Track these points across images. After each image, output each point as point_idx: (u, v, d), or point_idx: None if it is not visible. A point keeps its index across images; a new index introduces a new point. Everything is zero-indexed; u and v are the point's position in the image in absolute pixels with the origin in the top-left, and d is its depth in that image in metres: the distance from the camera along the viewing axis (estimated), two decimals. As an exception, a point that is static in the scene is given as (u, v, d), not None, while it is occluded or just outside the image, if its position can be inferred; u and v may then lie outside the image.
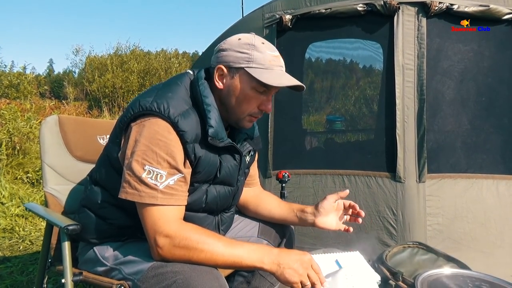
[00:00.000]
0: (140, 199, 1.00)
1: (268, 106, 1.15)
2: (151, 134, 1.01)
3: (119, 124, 1.11)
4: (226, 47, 1.13)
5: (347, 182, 2.18)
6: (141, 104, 1.05)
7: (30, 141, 5.13)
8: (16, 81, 11.10)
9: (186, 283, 0.92)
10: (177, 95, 1.09)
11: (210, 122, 1.08)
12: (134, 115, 1.06)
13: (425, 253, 1.86)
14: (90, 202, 1.18)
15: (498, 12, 2.06)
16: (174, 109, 1.03)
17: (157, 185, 1.00)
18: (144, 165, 1.00)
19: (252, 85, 1.10)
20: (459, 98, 2.20)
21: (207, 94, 1.11)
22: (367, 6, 2.13)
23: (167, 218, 1.01)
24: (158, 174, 1.00)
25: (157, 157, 1.00)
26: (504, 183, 2.08)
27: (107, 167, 1.15)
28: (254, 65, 1.09)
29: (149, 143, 1.01)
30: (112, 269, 1.11)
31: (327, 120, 2.92)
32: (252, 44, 1.10)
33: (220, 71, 1.13)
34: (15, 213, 3.31)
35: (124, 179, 1.02)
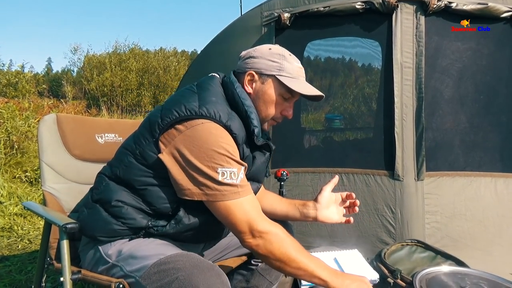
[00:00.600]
0: (224, 198, 1.05)
1: (290, 112, 1.26)
2: (211, 137, 1.05)
3: (158, 124, 1.09)
4: (257, 55, 1.22)
5: (346, 180, 2.18)
6: (189, 108, 1.07)
7: (28, 140, 5.12)
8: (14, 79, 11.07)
9: (188, 279, 0.92)
10: (220, 100, 1.14)
11: (254, 123, 1.16)
12: (180, 118, 1.07)
13: (423, 251, 1.86)
14: (103, 198, 1.16)
15: (496, 10, 2.07)
16: (223, 113, 1.09)
17: (234, 182, 1.06)
18: (216, 168, 1.04)
19: (280, 91, 1.20)
20: (457, 96, 2.20)
21: (245, 97, 1.18)
22: (366, 4, 2.13)
23: (256, 210, 1.09)
24: (232, 172, 1.05)
25: (224, 157, 1.05)
26: (502, 181, 2.08)
27: (135, 165, 1.13)
28: (284, 73, 1.19)
29: (213, 147, 1.04)
30: (113, 265, 1.11)
31: (326, 118, 2.92)
32: (282, 54, 1.21)
33: (251, 76, 1.21)
34: (14, 212, 3.31)
35: (199, 183, 1.05)
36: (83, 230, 1.17)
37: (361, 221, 2.12)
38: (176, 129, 1.07)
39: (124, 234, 1.14)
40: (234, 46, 2.55)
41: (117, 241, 1.15)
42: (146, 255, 1.05)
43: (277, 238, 1.06)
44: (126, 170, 1.14)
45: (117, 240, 1.15)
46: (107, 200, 1.14)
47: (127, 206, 1.13)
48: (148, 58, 16.78)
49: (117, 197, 1.13)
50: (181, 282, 0.93)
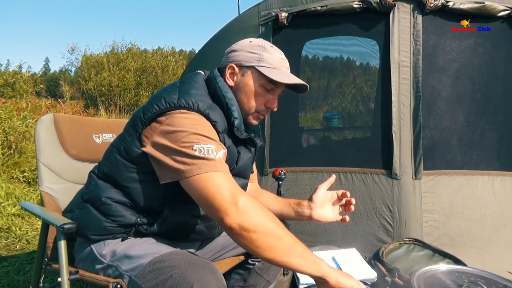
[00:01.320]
0: (200, 170, 0.98)
1: (274, 104, 1.24)
2: (188, 122, 1.04)
3: (140, 118, 1.10)
4: (237, 48, 1.23)
5: (344, 179, 2.18)
6: (168, 101, 1.07)
7: (26, 140, 5.11)
8: (11, 80, 11.03)
9: (182, 277, 0.92)
10: (200, 92, 1.14)
11: (234, 115, 1.15)
12: (161, 111, 1.07)
13: (421, 249, 1.87)
14: (93, 197, 1.17)
15: (493, 9, 2.07)
16: (202, 103, 1.09)
17: (212, 157, 1.00)
18: (192, 146, 1.00)
19: (261, 82, 1.19)
20: (454, 95, 2.21)
21: (227, 90, 1.18)
22: (363, 4, 2.13)
23: (234, 182, 1.02)
24: (209, 148, 1.01)
25: (200, 136, 1.02)
26: (500, 179, 2.09)
27: (120, 161, 1.14)
28: (263, 64, 1.18)
29: (188, 128, 1.03)
30: (109, 266, 1.11)
31: (324, 117, 2.92)
32: (262, 46, 1.21)
33: (231, 69, 1.21)
34: (12, 213, 3.30)
35: (174, 163, 1.01)
36: (76, 229, 1.17)
37: (359, 220, 2.13)
38: (157, 122, 1.08)
39: (116, 232, 1.15)
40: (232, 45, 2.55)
41: (110, 241, 1.15)
42: (141, 254, 1.06)
43: (265, 209, 0.98)
44: (112, 167, 1.16)
45: (110, 239, 1.16)
46: (96, 199, 1.16)
47: (115, 203, 1.14)
48: (146, 58, 16.75)
49: (105, 194, 1.15)
50: (175, 280, 0.93)
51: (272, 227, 0.95)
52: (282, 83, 1.20)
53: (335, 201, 1.38)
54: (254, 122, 1.26)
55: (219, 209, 0.95)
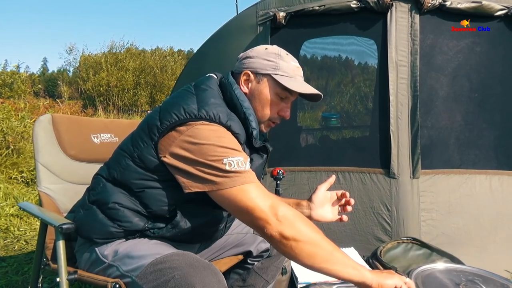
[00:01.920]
0: (234, 183, 0.99)
1: (287, 113, 1.23)
2: (211, 134, 1.04)
3: (157, 128, 1.08)
4: (253, 55, 1.21)
5: (342, 178, 2.19)
6: (188, 111, 1.05)
7: (24, 141, 5.10)
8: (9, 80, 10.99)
9: (184, 278, 0.93)
10: (219, 101, 1.13)
11: (252, 125, 1.15)
12: (180, 121, 1.05)
13: (419, 248, 1.88)
14: (100, 200, 1.15)
15: (490, 8, 2.08)
16: (222, 114, 1.07)
17: (243, 169, 1.01)
18: (221, 160, 1.00)
19: (276, 91, 1.18)
20: (452, 95, 2.21)
21: (244, 99, 1.16)
22: (361, 3, 2.14)
23: (266, 191, 1.02)
24: (238, 161, 1.01)
25: (228, 149, 1.02)
26: (497, 178, 2.10)
27: (133, 167, 1.12)
28: (280, 72, 1.17)
29: (213, 142, 1.02)
30: (110, 266, 1.11)
31: (322, 117, 2.92)
32: (279, 54, 1.20)
33: (247, 76, 1.20)
34: (10, 213, 3.29)
35: (207, 178, 1.01)
36: (79, 231, 1.17)
37: (357, 219, 2.13)
38: (176, 131, 1.06)
39: (120, 236, 1.14)
40: (230, 45, 2.55)
41: (113, 242, 1.15)
42: (142, 255, 1.05)
43: (303, 217, 0.99)
44: (123, 172, 1.13)
45: (113, 241, 1.15)
46: (104, 202, 1.14)
47: (124, 208, 1.12)
48: (145, 58, 16.73)
49: (114, 199, 1.13)
50: (177, 281, 0.93)
51: (311, 235, 0.96)
52: (296, 92, 1.19)
53: (335, 201, 1.38)
54: (266, 129, 1.26)
55: (259, 220, 0.97)
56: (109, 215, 1.13)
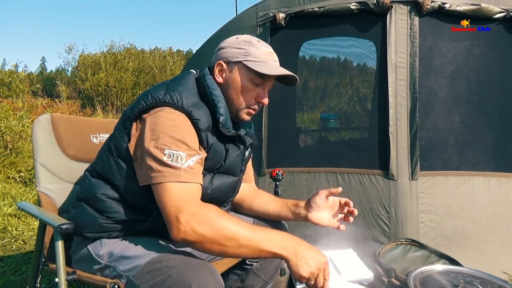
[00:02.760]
0: (164, 179, 1.01)
1: (264, 98, 1.23)
2: (167, 121, 1.06)
3: (128, 115, 1.13)
4: (225, 45, 1.24)
5: (341, 179, 2.19)
6: (154, 96, 1.09)
7: (22, 140, 5.08)
8: (7, 79, 10.95)
9: (180, 277, 0.93)
10: (187, 89, 1.15)
11: (220, 111, 1.15)
12: (147, 106, 1.09)
13: (417, 250, 1.88)
14: (87, 195, 1.18)
15: (489, 11, 2.09)
16: (187, 100, 1.10)
17: (179, 166, 1.02)
18: (163, 149, 1.02)
19: (250, 77, 1.18)
20: (451, 96, 2.22)
21: (214, 87, 1.18)
22: (360, 5, 2.14)
23: (190, 195, 1.03)
24: (179, 156, 1.03)
25: (175, 141, 1.04)
26: (495, 180, 2.10)
27: (110, 158, 1.15)
28: (250, 58, 1.18)
29: (166, 130, 1.04)
30: (106, 266, 1.11)
31: (321, 118, 2.93)
32: (249, 41, 1.21)
33: (220, 66, 1.22)
34: (8, 213, 3.28)
35: (146, 166, 1.04)
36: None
37: (356, 220, 2.12)
38: (141, 118, 1.10)
39: (111, 229, 1.15)
40: (229, 46, 2.55)
41: (107, 241, 1.15)
42: (139, 255, 1.05)
43: (206, 217, 0.98)
44: (103, 164, 1.17)
45: (106, 238, 1.16)
46: (91, 196, 1.16)
47: (110, 199, 1.14)
48: (144, 58, 16.71)
49: (99, 191, 1.15)
50: (174, 280, 0.93)
51: (214, 236, 0.97)
52: (271, 76, 1.20)
53: (338, 208, 1.38)
54: (246, 117, 1.25)
55: (166, 220, 1.00)
56: (97, 208, 1.15)
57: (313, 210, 1.36)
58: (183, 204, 0.99)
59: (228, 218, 1.01)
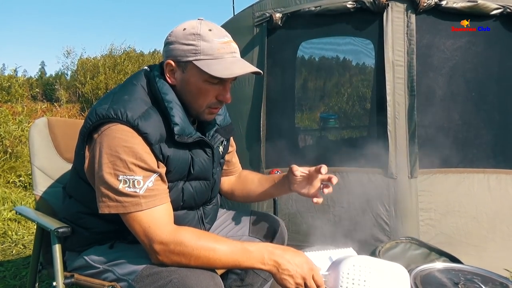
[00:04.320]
0: (125, 210, 0.97)
1: (226, 96, 1.10)
2: (115, 142, 0.98)
3: (81, 136, 1.08)
4: (172, 40, 1.07)
5: (340, 178, 2.17)
6: (98, 113, 1.01)
7: (22, 145, 5.08)
8: (6, 84, 10.96)
9: (181, 282, 0.92)
10: (133, 97, 1.05)
11: (174, 120, 1.04)
12: (93, 125, 1.02)
13: (417, 248, 1.87)
14: (67, 214, 1.19)
15: (486, 8, 2.08)
16: (132, 112, 1.00)
17: (136, 192, 0.97)
18: (117, 176, 0.96)
19: (204, 77, 1.05)
20: (449, 94, 2.22)
21: (166, 91, 1.06)
22: (357, 3, 2.14)
23: (157, 223, 0.98)
24: (135, 180, 0.97)
25: (127, 164, 0.97)
26: (495, 177, 2.10)
27: (76, 180, 1.15)
28: (201, 56, 1.03)
29: (115, 152, 0.97)
30: (105, 270, 1.10)
31: (320, 117, 2.93)
32: (198, 33, 1.04)
33: (170, 66, 1.08)
34: (8, 217, 3.28)
35: (102, 194, 0.99)
36: (64, 244, 1.18)
37: (356, 219, 2.13)
38: (91, 138, 1.04)
39: (100, 239, 1.15)
40: (227, 47, 2.54)
41: (100, 247, 1.15)
42: (138, 258, 1.05)
43: (179, 248, 0.96)
44: (71, 184, 1.18)
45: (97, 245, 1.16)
46: (71, 215, 1.17)
47: (88, 215, 1.13)
48: (143, 61, 16.72)
49: (76, 209, 1.15)
50: (175, 285, 0.92)
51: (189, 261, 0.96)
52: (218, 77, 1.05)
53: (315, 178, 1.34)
54: (209, 117, 1.14)
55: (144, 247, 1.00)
56: (81, 225, 1.15)
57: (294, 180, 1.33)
58: (152, 234, 0.97)
59: (204, 240, 0.98)
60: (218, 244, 0.98)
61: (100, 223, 1.13)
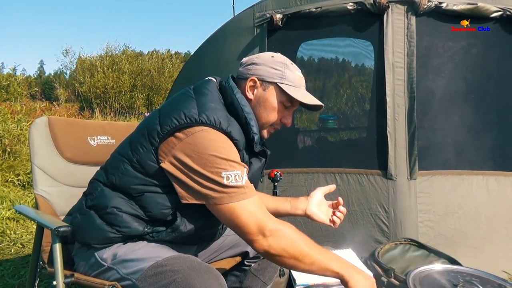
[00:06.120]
0: (231, 199, 1.03)
1: (289, 120, 1.26)
2: (212, 143, 1.04)
3: (158, 133, 1.08)
4: (259, 62, 1.22)
5: (339, 180, 2.19)
6: (188, 116, 1.06)
7: (21, 143, 5.07)
8: (5, 82, 10.94)
9: (185, 281, 0.92)
10: (219, 106, 1.13)
11: (253, 130, 1.16)
12: (181, 126, 1.06)
13: (416, 249, 1.88)
14: (98, 205, 1.14)
15: (486, 10, 2.09)
16: (223, 120, 1.08)
17: (240, 184, 1.04)
18: (220, 173, 1.02)
19: (281, 99, 1.20)
20: (448, 96, 2.22)
21: (245, 103, 1.17)
22: (357, 5, 2.14)
23: (262, 209, 1.07)
24: (236, 175, 1.04)
25: (227, 161, 1.04)
26: (494, 179, 2.10)
27: (132, 172, 1.12)
28: (286, 81, 1.19)
29: (214, 152, 1.03)
30: (109, 268, 1.10)
31: (320, 118, 2.93)
32: (285, 63, 1.21)
33: (253, 82, 1.20)
34: (6, 216, 3.27)
35: (204, 187, 1.04)
36: (76, 236, 1.16)
37: (355, 220, 2.13)
38: (176, 137, 1.06)
39: (118, 241, 1.13)
40: (227, 47, 2.55)
41: (111, 245, 1.14)
42: (143, 258, 1.05)
43: (288, 235, 1.04)
44: (122, 177, 1.13)
45: (112, 245, 1.14)
46: (102, 207, 1.13)
47: (122, 213, 1.11)
48: (142, 60, 16.72)
49: (112, 204, 1.12)
50: (178, 284, 0.93)
51: (293, 251, 1.03)
52: (299, 101, 1.21)
53: (329, 206, 1.42)
54: (266, 135, 1.27)
55: (248, 236, 1.04)
56: (108, 220, 1.12)
57: (312, 203, 1.38)
58: (263, 219, 1.04)
59: (303, 236, 1.07)
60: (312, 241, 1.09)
61: (131, 223, 1.11)
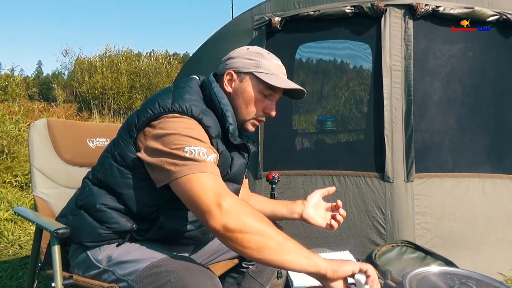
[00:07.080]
0: (191, 171, 0.97)
1: (272, 110, 1.25)
2: (181, 125, 1.05)
3: (135, 124, 1.10)
4: (235, 55, 1.24)
5: (337, 182, 2.20)
6: (161, 105, 1.08)
7: (19, 144, 5.06)
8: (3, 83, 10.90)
9: (180, 282, 0.93)
10: (194, 97, 1.15)
11: (229, 120, 1.16)
12: (155, 115, 1.08)
13: (413, 251, 1.89)
14: (87, 203, 1.16)
15: (483, 14, 2.11)
16: (196, 108, 1.09)
17: (203, 159, 0.99)
18: (183, 148, 0.99)
19: (259, 88, 1.20)
20: (445, 99, 2.24)
21: (222, 96, 1.18)
22: (355, 8, 2.16)
23: (223, 185, 0.99)
24: (200, 151, 1.00)
25: (193, 139, 1.02)
26: (490, 181, 2.12)
27: (114, 167, 1.13)
28: (261, 70, 1.20)
29: (181, 132, 1.02)
30: (105, 271, 1.11)
31: (318, 120, 2.94)
32: (260, 52, 1.23)
33: (230, 76, 1.22)
34: (4, 218, 3.26)
35: (166, 165, 1.00)
36: (70, 236, 1.17)
37: (352, 222, 2.14)
38: (150, 126, 1.08)
39: (110, 238, 1.14)
40: (225, 49, 2.53)
41: (106, 247, 1.15)
42: (138, 259, 1.06)
43: (249, 207, 0.95)
44: (106, 173, 1.15)
45: (105, 245, 1.15)
46: (91, 205, 1.14)
47: (110, 210, 1.13)
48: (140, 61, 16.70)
49: (100, 201, 1.13)
50: (173, 285, 0.93)
51: (258, 226, 0.91)
52: (280, 89, 1.21)
53: (328, 209, 1.38)
54: (251, 128, 1.26)
55: (203, 210, 0.93)
56: (97, 218, 1.13)
57: (309, 207, 1.34)
58: (221, 191, 0.95)
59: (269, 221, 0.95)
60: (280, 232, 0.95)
61: (119, 219, 1.12)
